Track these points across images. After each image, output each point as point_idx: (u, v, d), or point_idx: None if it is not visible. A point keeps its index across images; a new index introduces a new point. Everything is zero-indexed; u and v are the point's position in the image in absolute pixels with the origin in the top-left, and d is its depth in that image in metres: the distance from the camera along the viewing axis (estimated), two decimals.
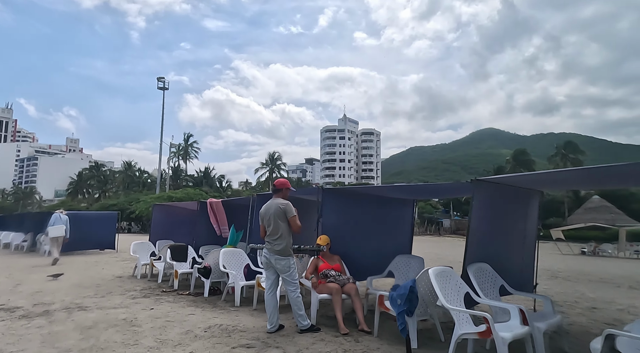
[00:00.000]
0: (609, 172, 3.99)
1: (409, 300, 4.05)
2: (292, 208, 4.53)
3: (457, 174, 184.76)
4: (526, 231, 5.27)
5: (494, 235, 4.67)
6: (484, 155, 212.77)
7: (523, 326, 3.58)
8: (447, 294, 3.86)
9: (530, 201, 5.24)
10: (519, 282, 5.13)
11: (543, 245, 31.52)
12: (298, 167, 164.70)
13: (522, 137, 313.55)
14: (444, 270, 4.08)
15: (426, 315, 4.35)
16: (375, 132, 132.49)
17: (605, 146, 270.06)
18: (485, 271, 4.41)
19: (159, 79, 44.24)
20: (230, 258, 6.47)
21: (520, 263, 5.20)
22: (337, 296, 4.78)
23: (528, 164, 55.14)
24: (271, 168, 65.93)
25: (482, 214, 4.42)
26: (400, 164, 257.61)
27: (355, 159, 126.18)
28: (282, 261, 4.51)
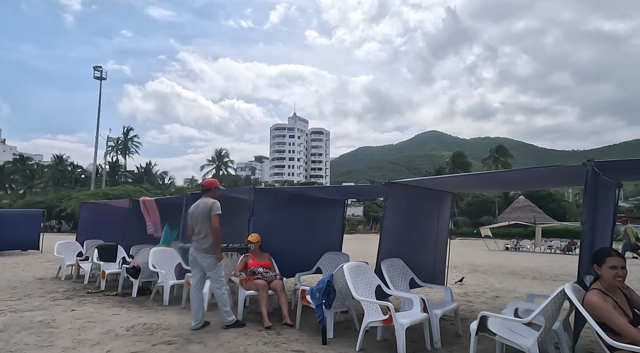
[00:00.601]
0: (502, 177, 4.59)
1: (327, 293, 4.38)
2: (218, 207, 4.65)
3: (402, 174, 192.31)
4: (438, 229, 5.83)
5: (407, 232, 5.14)
6: (427, 156, 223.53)
7: (423, 313, 4.03)
8: (358, 287, 4.23)
9: (442, 201, 5.80)
10: (431, 275, 5.69)
11: (473, 241, 33.89)
12: (247, 165, 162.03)
13: (462, 140, 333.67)
14: (358, 265, 4.45)
15: (344, 306, 4.70)
16: (325, 131, 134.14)
17: (532, 150, 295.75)
18: (398, 266, 4.86)
19: (95, 68, 41.53)
20: (160, 257, 6.43)
21: (432, 258, 5.74)
22: (264, 292, 4.99)
23: (465, 166, 59.04)
24: (218, 165, 64.51)
25: (396, 214, 4.86)
26: (349, 164, 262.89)
27: (304, 158, 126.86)
28: (209, 259, 4.63)
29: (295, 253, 6.20)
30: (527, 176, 4.49)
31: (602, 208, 4.15)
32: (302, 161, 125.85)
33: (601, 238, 4.21)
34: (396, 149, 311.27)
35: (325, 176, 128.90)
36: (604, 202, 4.21)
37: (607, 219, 4.42)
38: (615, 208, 4.50)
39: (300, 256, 6.26)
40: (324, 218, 6.88)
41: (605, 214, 4.32)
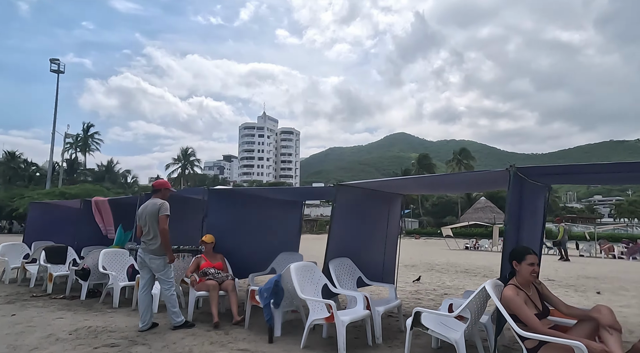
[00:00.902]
0: (438, 180, 4.85)
1: (275, 293, 4.48)
2: (167, 208, 4.64)
3: (371, 175, 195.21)
4: (388, 230, 6.05)
5: (356, 233, 5.32)
6: (395, 158, 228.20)
7: (365, 310, 4.21)
8: (305, 286, 4.36)
9: (392, 203, 6.04)
10: (380, 274, 5.90)
11: (437, 241, 34.98)
12: (215, 164, 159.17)
13: (429, 142, 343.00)
14: (305, 265, 4.57)
15: (293, 306, 4.81)
16: (295, 131, 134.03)
17: (495, 152, 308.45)
18: (345, 265, 5.03)
19: (52, 60, 39.48)
20: (111, 258, 6.29)
21: (382, 257, 5.96)
22: (214, 292, 5.02)
23: (429, 168, 60.85)
24: (184, 164, 63.02)
25: (345, 215, 5.02)
26: (319, 164, 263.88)
27: (274, 158, 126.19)
28: (157, 260, 4.60)
29: (249, 254, 6.25)
30: (460, 179, 4.78)
31: (531, 209, 4.48)
32: (272, 160, 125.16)
33: (530, 236, 4.56)
34: (366, 150, 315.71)
35: (295, 176, 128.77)
36: (533, 203, 4.56)
37: (538, 219, 4.78)
38: (545, 208, 4.87)
39: (254, 257, 6.32)
40: (281, 219, 6.96)
41: (534, 214, 4.67)
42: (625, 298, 7.33)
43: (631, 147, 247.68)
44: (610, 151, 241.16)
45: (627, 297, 7.39)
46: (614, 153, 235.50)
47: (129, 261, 6.45)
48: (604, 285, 9.02)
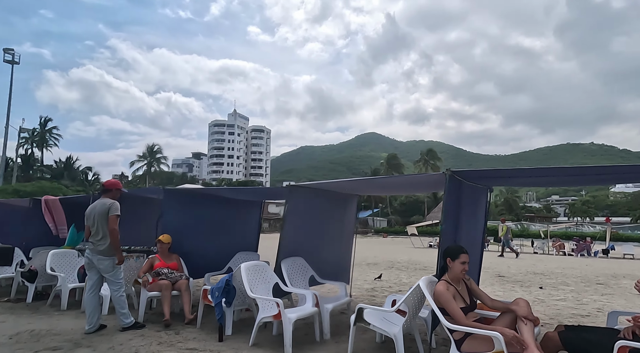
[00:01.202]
0: (382, 182, 5.05)
1: (226, 292, 4.53)
2: (117, 207, 4.58)
3: (342, 174, 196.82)
4: (343, 229, 6.23)
5: (309, 232, 5.44)
6: (366, 157, 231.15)
7: (313, 308, 4.33)
8: (256, 285, 4.43)
9: (347, 203, 6.20)
10: (335, 273, 6.05)
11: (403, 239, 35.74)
12: (184, 161, 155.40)
13: (399, 142, 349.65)
14: (256, 264, 4.65)
15: (245, 304, 4.88)
16: (266, 129, 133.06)
17: (461, 153, 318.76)
18: (298, 265, 5.14)
19: (6, 50, 37.27)
20: (60, 259, 6.10)
21: (336, 256, 6.12)
22: (167, 292, 5.00)
23: (398, 167, 62.15)
24: (150, 161, 61.09)
25: (298, 215, 5.13)
26: (290, 163, 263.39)
27: (244, 156, 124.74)
28: (106, 261, 4.54)
29: (206, 254, 6.24)
30: (402, 182, 5.00)
31: (471, 209, 4.76)
32: (242, 159, 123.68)
33: (471, 235, 4.84)
34: (337, 149, 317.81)
35: (266, 174, 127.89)
36: (473, 204, 4.84)
37: (479, 219, 5.07)
38: (486, 208, 5.17)
39: (212, 256, 6.31)
40: (239, 218, 6.98)
41: (475, 214, 4.96)
42: (564, 292, 7.87)
43: (585, 149, 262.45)
44: (567, 153, 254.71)
45: (565, 291, 7.94)
46: (570, 155, 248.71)
47: (79, 262, 6.27)
48: (548, 280, 9.62)
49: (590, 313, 5.92)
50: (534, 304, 6.49)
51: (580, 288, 8.53)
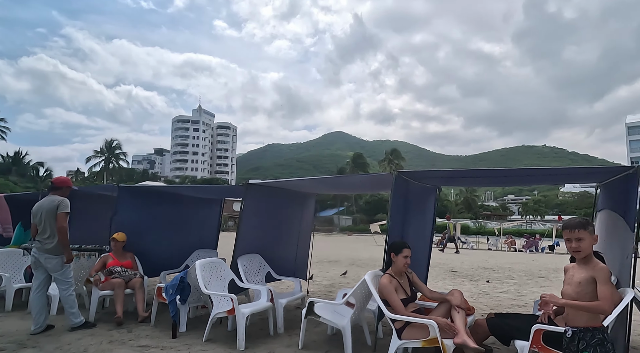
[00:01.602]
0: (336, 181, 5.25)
1: (181, 289, 4.56)
2: (66, 205, 4.48)
3: (309, 172, 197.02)
4: (301, 227, 6.38)
5: (267, 230, 5.55)
6: (333, 156, 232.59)
7: (268, 303, 4.46)
8: (212, 282, 4.49)
9: (305, 201, 6.36)
10: (293, 269, 6.20)
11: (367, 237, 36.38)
12: (145, 157, 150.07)
13: (365, 142, 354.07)
14: (212, 261, 4.71)
15: (200, 301, 4.92)
16: (232, 126, 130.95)
17: (425, 154, 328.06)
18: (254, 261, 5.24)
19: None
20: (5, 259, 5.86)
21: (294, 253, 6.26)
22: (119, 290, 4.95)
23: (363, 167, 63.13)
24: (108, 156, 58.46)
25: (255, 213, 5.23)
26: (257, 161, 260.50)
27: (209, 153, 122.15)
28: (54, 260, 4.43)
29: (163, 252, 6.18)
30: (354, 181, 5.24)
31: (420, 207, 5.06)
32: (207, 156, 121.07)
33: (419, 231, 5.13)
34: (304, 147, 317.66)
35: (232, 172, 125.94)
36: (422, 202, 5.14)
37: (428, 217, 5.38)
38: (435, 206, 5.49)
39: (168, 254, 6.26)
40: (198, 216, 6.95)
41: (424, 212, 5.27)
42: (508, 285, 8.45)
43: (539, 151, 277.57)
44: (522, 155, 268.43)
45: (509, 284, 8.52)
46: (524, 156, 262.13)
47: (25, 262, 6.04)
48: (496, 274, 10.25)
49: (527, 303, 6.41)
50: (479, 296, 6.95)
51: (523, 281, 9.17)
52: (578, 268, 2.34)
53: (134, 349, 3.90)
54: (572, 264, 2.62)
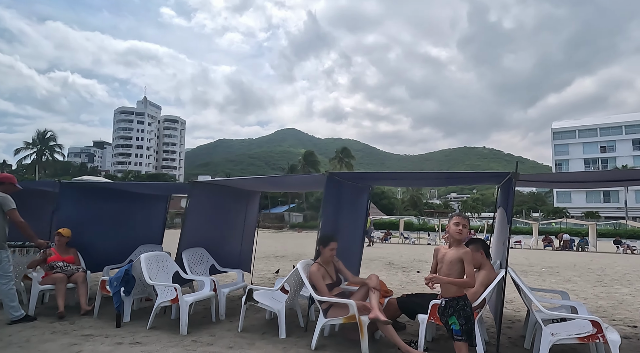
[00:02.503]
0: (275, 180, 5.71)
1: (125, 281, 4.77)
2: (11, 201, 4.53)
3: (261, 168, 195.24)
4: (246, 222, 6.75)
5: (212, 225, 5.87)
6: (285, 153, 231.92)
7: (211, 292, 4.81)
8: (156, 274, 4.76)
9: (250, 198, 6.74)
10: (237, 262, 6.56)
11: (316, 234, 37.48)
12: (83, 150, 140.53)
13: (318, 139, 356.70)
14: (157, 254, 4.97)
15: (144, 293, 5.15)
16: (181, 120, 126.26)
17: (375, 152, 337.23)
18: (199, 254, 5.56)
19: None
20: None
21: (238, 247, 6.63)
22: (61, 285, 5.03)
23: (314, 164, 63.93)
24: (41, 149, 54.10)
25: (200, 209, 5.54)
26: (207, 156, 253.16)
27: (155, 147, 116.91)
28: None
29: (106, 247, 6.26)
30: (290, 181, 5.73)
31: (352, 204, 5.64)
32: (153, 150, 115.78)
33: (352, 226, 5.72)
34: (256, 143, 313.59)
35: (180, 167, 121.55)
36: (354, 200, 5.73)
37: (360, 213, 6.00)
38: (367, 204, 6.12)
39: (112, 250, 6.34)
40: (143, 212, 7.07)
41: (356, 209, 5.87)
42: None
43: (479, 152, 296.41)
44: (464, 156, 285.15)
45: None
46: (466, 157, 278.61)
47: None
48: (427, 266, 11.26)
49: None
50: (407, 284, 7.74)
51: None
52: (449, 250, 2.94)
53: (77, 338, 4.08)
54: (442, 246, 3.15)
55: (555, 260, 15.72)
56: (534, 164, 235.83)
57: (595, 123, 74.02)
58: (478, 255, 3.81)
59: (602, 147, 71.22)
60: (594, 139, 71.95)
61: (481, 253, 3.84)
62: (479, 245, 3.87)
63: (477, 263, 3.80)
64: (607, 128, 71.30)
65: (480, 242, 3.95)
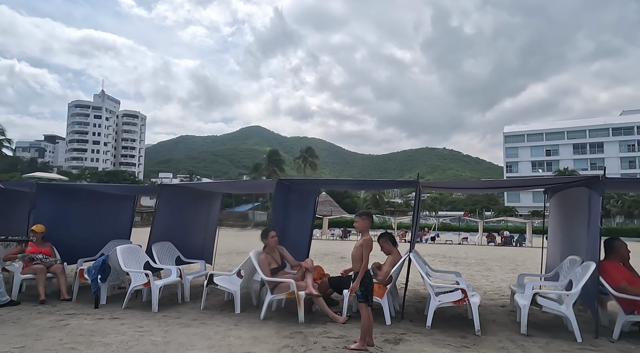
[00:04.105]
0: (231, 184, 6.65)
1: (102, 270, 5.55)
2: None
3: (225, 166, 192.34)
4: (208, 220, 7.63)
5: (178, 222, 6.73)
6: (250, 151, 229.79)
7: (177, 278, 5.69)
8: (130, 263, 5.58)
9: (212, 199, 7.63)
10: (200, 254, 7.43)
11: None
12: (33, 144, 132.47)
13: (283, 137, 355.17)
14: (130, 246, 5.80)
15: (118, 280, 5.94)
16: (141, 115, 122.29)
17: (340, 151, 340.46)
18: (166, 247, 6.41)
19: None
20: None
21: (201, 241, 7.50)
22: (41, 274, 5.72)
23: (279, 163, 64.56)
24: None
25: (168, 208, 6.39)
26: (168, 153, 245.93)
27: (113, 143, 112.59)
28: None
29: (79, 242, 6.92)
30: (245, 185, 6.70)
31: (301, 205, 6.69)
32: (111, 145, 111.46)
33: (300, 225, 6.77)
34: (220, 141, 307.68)
35: (139, 164, 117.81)
36: (303, 202, 6.77)
37: (308, 213, 7.06)
38: (315, 205, 7.19)
39: (84, 244, 7.01)
40: (112, 209, 7.76)
41: (305, 210, 6.92)
42: None
43: (439, 153, 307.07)
44: (425, 156, 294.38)
45: None
46: (427, 157, 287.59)
47: None
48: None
49: None
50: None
51: None
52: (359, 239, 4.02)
53: (62, 316, 4.85)
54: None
55: (490, 254, 17.63)
56: (490, 166, 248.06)
57: (542, 128, 79.86)
58: (387, 245, 5.01)
59: (547, 150, 76.98)
60: (540, 143, 77.57)
61: (388, 243, 5.03)
62: (386, 238, 5.07)
63: (387, 250, 4.99)
64: (551, 133, 77.12)
65: (388, 235, 5.15)
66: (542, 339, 4.13)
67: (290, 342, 3.95)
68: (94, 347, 3.71)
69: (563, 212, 5.72)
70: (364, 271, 3.76)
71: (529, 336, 4.21)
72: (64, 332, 4.19)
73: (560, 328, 4.51)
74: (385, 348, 3.81)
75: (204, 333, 4.19)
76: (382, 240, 5.05)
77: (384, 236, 5.13)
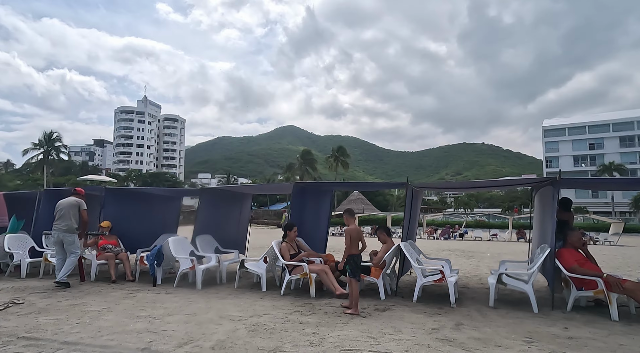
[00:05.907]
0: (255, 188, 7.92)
1: (157, 256, 6.99)
2: (84, 204, 6.73)
3: (260, 166, 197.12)
4: (241, 216, 8.97)
5: (216, 218, 8.10)
6: (284, 150, 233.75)
7: (216, 263, 7.01)
8: (178, 251, 6.97)
9: (243, 199, 8.96)
10: (235, 245, 8.77)
11: None
12: (84, 149, 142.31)
13: (317, 136, 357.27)
14: (179, 238, 7.21)
15: (169, 265, 7.37)
16: (180, 119, 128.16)
17: (374, 149, 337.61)
18: (207, 239, 7.78)
19: None
20: (15, 241, 7.86)
21: (235, 234, 8.85)
22: (112, 260, 7.25)
23: (311, 162, 66.13)
24: (47, 149, 56.16)
25: (208, 207, 7.76)
26: (206, 153, 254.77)
27: (155, 146, 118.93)
28: (68, 237, 6.65)
29: (137, 235, 8.45)
30: (267, 187, 7.95)
31: (317, 205, 7.83)
32: (153, 148, 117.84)
33: (316, 222, 7.91)
34: (255, 141, 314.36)
35: (180, 165, 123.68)
36: (318, 202, 7.91)
37: (324, 212, 8.20)
38: (331, 205, 8.32)
39: (141, 237, 8.52)
40: (162, 209, 9.27)
41: (321, 209, 8.06)
42: None
43: (477, 149, 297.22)
44: (462, 152, 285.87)
45: None
46: (464, 153, 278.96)
47: (30, 244, 8.06)
48: None
49: None
50: None
51: None
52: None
53: (130, 291, 6.30)
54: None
55: (512, 249, 17.97)
56: (532, 160, 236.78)
57: (584, 121, 76.19)
58: (382, 235, 6.06)
59: (590, 144, 73.41)
60: (582, 137, 74.05)
61: (384, 234, 6.08)
62: (382, 229, 6.13)
63: (383, 239, 6.05)
64: (595, 126, 73.40)
65: (383, 227, 6.20)
66: (504, 310, 5.04)
67: (301, 309, 5.11)
68: (157, 309, 5.06)
69: (541, 207, 6.51)
70: (347, 253, 4.84)
71: (494, 308, 5.14)
72: (134, 300, 5.59)
73: (527, 304, 5.38)
74: (374, 315, 4.89)
75: (236, 303, 5.45)
76: (378, 231, 6.12)
77: (380, 228, 6.20)
